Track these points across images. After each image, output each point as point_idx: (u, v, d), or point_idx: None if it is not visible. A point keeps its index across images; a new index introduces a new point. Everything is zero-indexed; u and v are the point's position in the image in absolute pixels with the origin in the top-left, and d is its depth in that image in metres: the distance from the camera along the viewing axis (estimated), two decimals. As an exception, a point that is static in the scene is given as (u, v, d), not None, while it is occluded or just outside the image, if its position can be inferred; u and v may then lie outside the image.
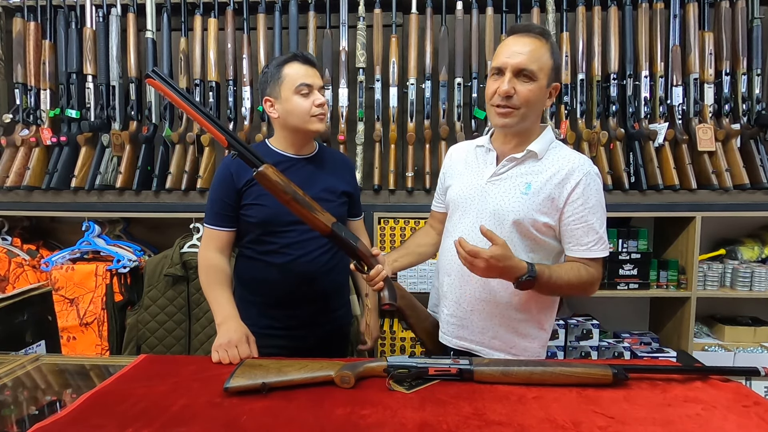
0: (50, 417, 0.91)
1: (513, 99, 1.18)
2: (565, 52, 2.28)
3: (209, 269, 1.43)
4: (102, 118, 2.35)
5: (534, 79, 1.18)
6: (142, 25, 2.36)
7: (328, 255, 1.48)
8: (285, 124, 1.44)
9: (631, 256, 2.26)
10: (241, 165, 1.42)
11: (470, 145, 1.39)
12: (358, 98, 2.30)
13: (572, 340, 2.32)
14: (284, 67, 1.41)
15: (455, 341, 1.33)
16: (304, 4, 2.31)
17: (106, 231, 2.32)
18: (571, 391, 1.02)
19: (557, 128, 2.26)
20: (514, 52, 1.18)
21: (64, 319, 2.11)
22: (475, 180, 1.30)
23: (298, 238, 1.44)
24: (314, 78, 1.42)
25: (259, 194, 1.41)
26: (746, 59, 2.24)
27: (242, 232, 1.48)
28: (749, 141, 2.24)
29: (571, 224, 1.22)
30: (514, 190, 1.24)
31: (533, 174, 1.23)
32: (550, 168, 1.23)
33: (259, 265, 1.47)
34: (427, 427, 0.88)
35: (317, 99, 1.41)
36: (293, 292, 1.46)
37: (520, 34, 1.20)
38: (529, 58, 1.16)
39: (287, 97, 1.40)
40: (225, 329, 1.30)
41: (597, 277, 1.24)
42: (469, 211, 1.29)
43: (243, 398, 0.99)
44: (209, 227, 1.45)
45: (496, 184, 1.26)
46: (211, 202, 1.45)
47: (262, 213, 1.42)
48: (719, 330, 2.40)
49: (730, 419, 0.90)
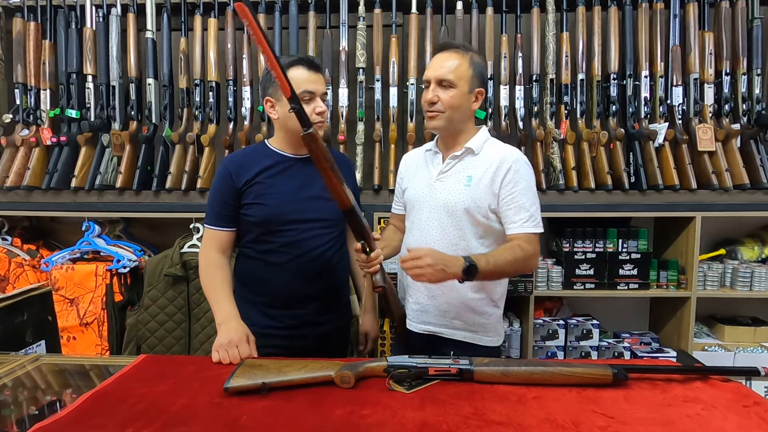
0: (50, 417, 0.91)
1: (438, 105, 1.37)
2: (565, 52, 2.28)
3: (210, 269, 1.42)
4: (102, 118, 2.35)
5: (454, 87, 1.36)
6: (142, 25, 2.36)
7: (329, 253, 1.48)
8: (284, 126, 1.44)
9: (631, 256, 2.26)
10: (240, 165, 1.43)
11: (420, 151, 1.58)
12: (358, 98, 2.30)
13: (572, 340, 2.32)
14: (288, 71, 1.37)
15: (421, 326, 1.47)
16: (304, 4, 2.31)
17: (106, 231, 2.32)
18: (571, 391, 1.02)
19: (557, 128, 2.27)
20: (437, 65, 1.38)
21: (64, 319, 2.11)
22: (426, 179, 1.47)
23: (299, 237, 1.43)
24: (317, 84, 1.41)
25: (260, 193, 1.41)
26: (746, 59, 2.24)
27: (242, 231, 1.47)
28: (749, 141, 2.24)
29: (504, 205, 1.38)
30: (458, 183, 1.41)
31: (472, 168, 1.41)
32: (486, 161, 1.41)
33: (259, 265, 1.46)
34: (427, 427, 0.88)
35: (318, 107, 1.40)
36: (294, 291, 1.45)
37: (443, 50, 1.40)
38: (448, 70, 1.36)
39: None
40: (225, 329, 1.30)
41: (532, 252, 1.36)
42: (424, 206, 1.45)
43: (243, 398, 0.99)
44: (210, 228, 1.45)
45: (443, 180, 1.44)
46: (211, 203, 1.45)
47: (262, 212, 1.42)
48: (719, 330, 2.40)
49: (730, 419, 0.90)
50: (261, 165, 1.44)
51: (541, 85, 2.31)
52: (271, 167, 1.44)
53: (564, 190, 2.24)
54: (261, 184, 1.42)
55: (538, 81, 2.30)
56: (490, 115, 2.29)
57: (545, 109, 2.30)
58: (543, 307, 2.44)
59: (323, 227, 1.47)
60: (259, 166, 1.43)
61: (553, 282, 2.29)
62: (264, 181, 1.42)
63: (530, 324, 2.26)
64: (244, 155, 1.49)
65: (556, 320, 2.34)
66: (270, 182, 1.43)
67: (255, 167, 1.43)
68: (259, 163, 1.44)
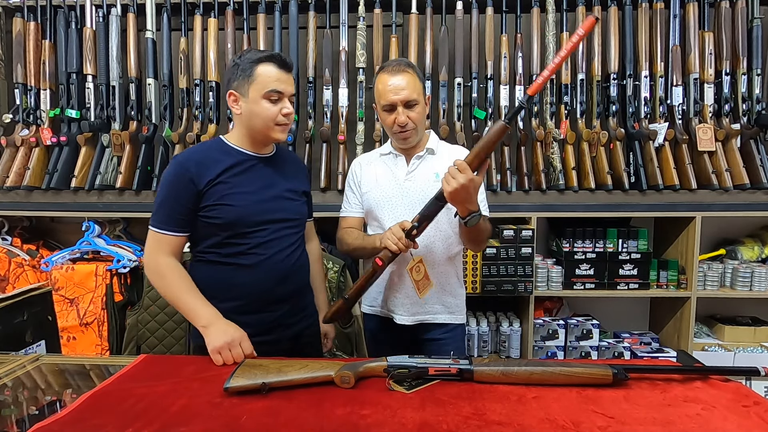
0: (50, 417, 0.91)
1: (408, 124, 1.46)
2: (565, 52, 2.27)
3: (171, 275, 1.32)
4: (102, 118, 2.35)
5: (417, 103, 1.47)
6: (142, 25, 2.36)
7: (297, 253, 1.44)
8: (247, 124, 1.36)
9: (631, 256, 2.26)
10: (200, 163, 1.32)
11: (374, 155, 1.66)
12: (358, 98, 2.30)
13: (572, 340, 2.32)
14: (258, 66, 1.32)
15: (412, 318, 1.56)
16: (304, 4, 2.31)
17: (106, 231, 2.32)
18: (571, 391, 1.02)
19: (557, 128, 2.27)
20: (397, 89, 1.44)
21: (64, 319, 2.11)
22: (393, 180, 1.56)
23: (269, 238, 1.37)
24: (287, 85, 1.35)
25: (224, 194, 1.32)
26: (746, 59, 2.24)
27: (201, 235, 1.37)
28: (749, 141, 2.24)
29: None
30: (428, 180, 1.52)
31: (436, 166, 1.53)
32: (444, 158, 1.53)
33: (225, 269, 1.37)
34: (427, 427, 0.88)
35: (285, 108, 1.34)
36: (265, 294, 1.38)
37: (393, 72, 1.46)
38: (411, 90, 1.45)
39: (255, 98, 1.32)
40: (216, 330, 1.25)
41: (491, 231, 1.53)
42: (398, 204, 1.53)
43: (243, 398, 0.99)
44: (161, 232, 1.32)
45: (412, 180, 1.54)
46: (165, 205, 1.32)
47: (229, 214, 1.33)
48: (719, 330, 2.40)
49: (730, 419, 0.90)
50: (223, 164, 1.34)
51: (541, 85, 2.30)
52: (233, 166, 1.35)
53: (564, 190, 2.24)
54: (224, 184, 1.33)
55: (538, 81, 2.30)
56: (490, 115, 2.29)
57: (545, 109, 2.30)
58: (543, 307, 2.44)
59: (290, 227, 1.43)
60: (221, 165, 1.34)
61: (553, 282, 2.30)
62: (228, 181, 1.33)
63: (530, 324, 2.26)
64: (203, 152, 1.37)
65: (556, 320, 2.34)
66: (234, 182, 1.34)
67: (217, 166, 1.33)
68: (221, 161, 1.35)
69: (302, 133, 2.33)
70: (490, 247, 2.18)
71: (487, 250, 2.17)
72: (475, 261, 2.19)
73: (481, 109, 2.27)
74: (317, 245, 1.67)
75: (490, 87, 2.29)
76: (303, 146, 2.31)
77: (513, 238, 2.19)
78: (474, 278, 2.20)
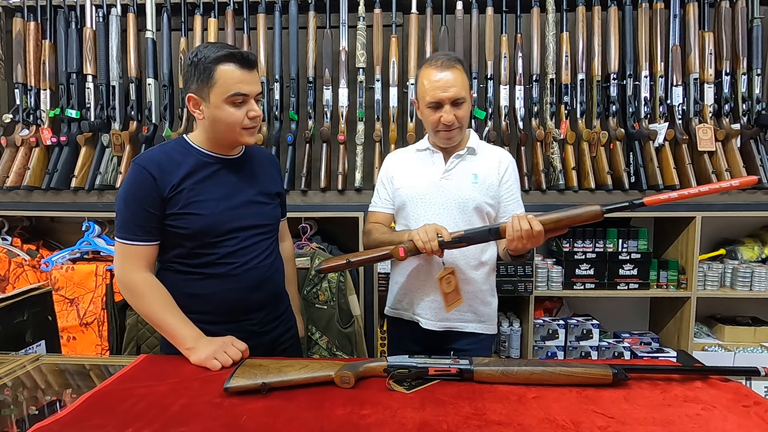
0: (50, 417, 0.91)
1: (454, 123, 1.41)
2: (565, 52, 2.28)
3: (150, 292, 1.22)
4: (102, 118, 2.35)
5: (465, 102, 1.41)
6: (142, 25, 2.36)
7: (270, 259, 1.36)
8: (211, 128, 1.25)
9: (631, 256, 2.26)
10: (162, 167, 1.21)
11: (410, 151, 1.59)
12: (358, 98, 2.30)
13: (572, 340, 2.32)
14: (218, 67, 1.18)
15: (440, 324, 1.50)
16: (304, 4, 2.31)
17: (106, 231, 2.32)
18: (571, 391, 1.02)
19: (557, 128, 2.27)
20: (447, 85, 1.38)
21: (64, 319, 2.10)
22: (428, 177, 1.49)
23: (240, 246, 1.29)
24: (252, 85, 1.21)
25: (188, 202, 1.22)
26: (746, 59, 2.24)
27: (166, 245, 1.27)
28: (749, 141, 2.24)
29: (505, 200, 1.50)
30: (465, 180, 1.47)
31: (475, 166, 1.49)
32: (486, 159, 1.50)
33: (194, 279, 1.28)
34: (427, 427, 0.88)
35: (251, 110, 1.22)
36: (239, 303, 1.30)
37: (442, 67, 1.39)
38: (460, 88, 1.39)
39: (217, 103, 1.20)
40: (202, 344, 1.18)
41: None
42: (432, 203, 1.47)
43: (243, 398, 0.99)
44: (129, 243, 1.21)
45: (449, 179, 1.48)
46: (129, 213, 1.21)
47: (195, 223, 1.23)
48: (719, 330, 2.40)
49: (730, 419, 0.90)
50: (186, 167, 1.24)
51: (541, 85, 2.31)
52: (197, 170, 1.25)
53: (564, 190, 2.24)
54: (189, 190, 1.23)
55: (538, 81, 2.30)
56: (490, 115, 2.29)
57: (545, 109, 2.30)
58: (543, 307, 2.44)
59: (262, 233, 1.34)
60: (184, 169, 1.23)
61: (553, 282, 2.30)
62: (192, 188, 1.23)
63: (530, 324, 2.26)
64: (164, 154, 1.25)
65: (556, 320, 2.34)
66: (199, 188, 1.24)
67: (179, 170, 1.23)
68: (183, 164, 1.24)
69: (302, 133, 2.33)
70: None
71: (487, 250, 2.17)
72: (475, 261, 2.18)
73: (481, 109, 2.27)
74: (290, 245, 1.61)
75: (490, 87, 2.29)
76: (303, 146, 2.31)
77: (513, 238, 2.19)
78: (474, 278, 2.20)
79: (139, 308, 1.25)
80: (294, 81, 2.29)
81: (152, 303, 1.22)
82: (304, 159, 2.29)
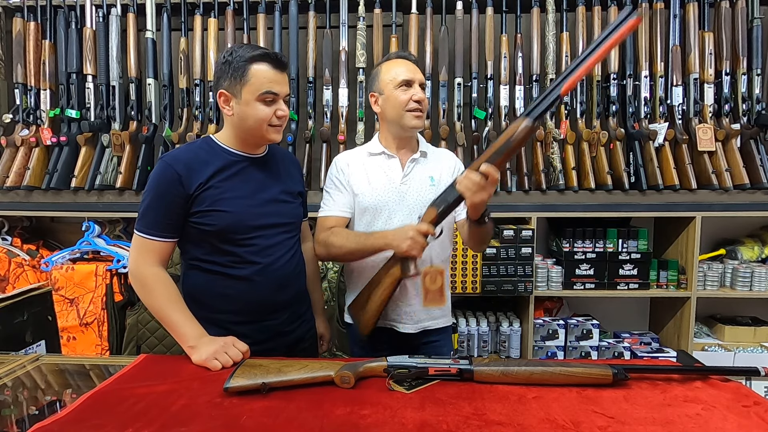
0: (50, 417, 0.91)
1: (422, 103, 1.44)
2: (565, 52, 2.28)
3: (159, 287, 1.24)
4: (102, 118, 2.35)
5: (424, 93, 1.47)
6: (142, 25, 2.36)
7: (296, 258, 1.39)
8: (239, 125, 1.29)
9: (631, 256, 2.26)
10: (189, 166, 1.25)
11: (360, 153, 1.56)
12: (358, 98, 2.30)
13: (572, 340, 2.32)
14: (252, 66, 1.23)
15: (416, 325, 1.51)
16: (304, 4, 2.31)
17: (106, 231, 2.32)
18: (571, 391, 1.02)
19: (557, 128, 2.26)
20: (413, 69, 1.46)
21: (64, 319, 2.10)
22: (388, 184, 1.48)
23: (266, 244, 1.31)
24: (282, 86, 1.27)
25: (216, 199, 1.25)
26: (746, 59, 2.24)
27: (193, 243, 1.30)
28: (749, 141, 2.24)
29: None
30: (423, 184, 1.49)
31: (429, 169, 1.51)
32: (437, 161, 1.54)
33: (220, 279, 1.30)
34: (427, 427, 0.88)
35: (280, 110, 1.27)
36: (263, 303, 1.32)
37: (405, 58, 1.48)
38: (422, 76, 1.48)
39: (248, 100, 1.25)
40: (203, 343, 1.19)
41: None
42: (395, 211, 1.47)
43: (243, 398, 0.99)
44: (148, 237, 1.24)
45: (407, 183, 1.49)
46: (152, 209, 1.24)
47: (223, 220, 1.26)
48: (719, 330, 2.40)
49: (730, 419, 0.90)
50: (213, 166, 1.27)
51: (541, 85, 2.31)
52: (224, 169, 1.28)
53: (564, 190, 2.24)
54: (216, 188, 1.26)
55: (538, 81, 2.30)
56: (490, 115, 2.29)
57: (545, 109, 2.30)
58: (543, 307, 2.44)
59: (286, 231, 1.37)
60: (212, 168, 1.27)
61: (553, 282, 2.30)
62: (219, 186, 1.27)
63: (530, 324, 2.26)
64: (192, 153, 1.29)
65: (556, 320, 2.34)
66: (225, 186, 1.27)
67: (207, 169, 1.26)
68: (211, 163, 1.27)
69: (302, 133, 2.33)
70: (490, 247, 2.18)
71: (487, 250, 2.17)
72: (475, 261, 2.19)
73: (481, 109, 2.27)
74: (312, 245, 1.61)
75: (490, 87, 2.29)
76: (303, 146, 2.31)
77: (513, 238, 2.19)
78: (474, 278, 2.20)
79: (147, 302, 1.26)
80: (294, 81, 2.29)
81: (160, 298, 1.24)
82: (304, 159, 2.29)
